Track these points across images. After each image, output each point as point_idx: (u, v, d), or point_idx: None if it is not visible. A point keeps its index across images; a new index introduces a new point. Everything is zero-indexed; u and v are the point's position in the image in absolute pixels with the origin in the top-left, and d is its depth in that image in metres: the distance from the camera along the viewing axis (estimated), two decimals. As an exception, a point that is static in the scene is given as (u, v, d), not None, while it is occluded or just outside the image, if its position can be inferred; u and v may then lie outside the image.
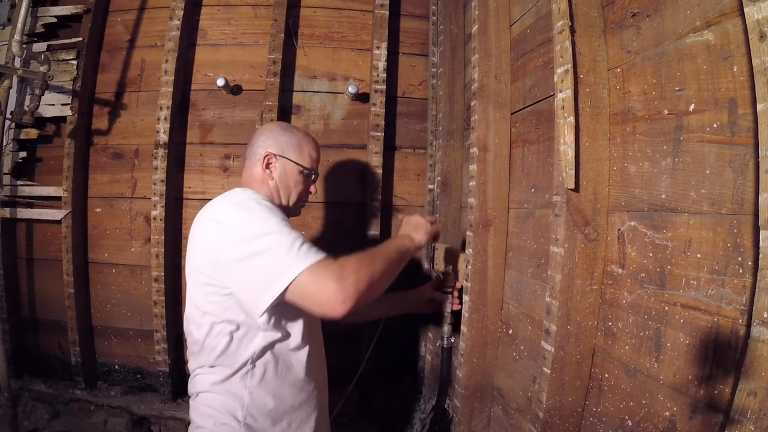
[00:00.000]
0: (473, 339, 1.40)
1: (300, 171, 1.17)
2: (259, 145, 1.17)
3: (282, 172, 1.16)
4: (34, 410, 1.81)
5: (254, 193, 1.06)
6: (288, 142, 1.17)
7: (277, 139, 1.17)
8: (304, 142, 1.19)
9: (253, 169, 1.17)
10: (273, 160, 1.15)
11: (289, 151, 1.17)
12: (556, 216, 1.02)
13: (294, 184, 1.17)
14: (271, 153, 1.15)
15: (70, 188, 1.88)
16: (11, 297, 1.96)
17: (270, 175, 1.15)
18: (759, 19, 0.60)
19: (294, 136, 1.19)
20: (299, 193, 1.20)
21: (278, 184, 1.16)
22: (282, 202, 1.17)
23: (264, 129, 1.21)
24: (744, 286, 0.66)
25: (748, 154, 0.66)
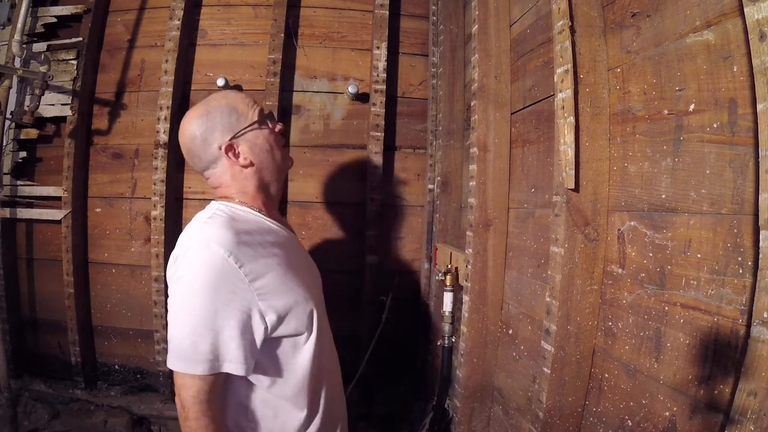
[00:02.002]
0: (473, 339, 1.40)
1: (259, 126, 0.95)
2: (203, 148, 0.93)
3: (251, 146, 0.94)
4: (34, 410, 1.81)
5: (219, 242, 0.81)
6: (223, 119, 0.93)
7: (213, 127, 0.92)
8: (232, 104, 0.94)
9: (224, 175, 0.95)
10: (235, 146, 0.93)
11: (235, 124, 0.93)
12: (556, 216, 1.02)
13: (267, 143, 0.96)
14: (227, 142, 0.92)
15: (70, 188, 1.88)
16: (11, 297, 1.96)
17: (246, 162, 0.94)
18: (759, 19, 0.60)
19: (219, 109, 0.93)
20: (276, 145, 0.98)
21: (259, 161, 0.95)
22: (274, 172, 0.98)
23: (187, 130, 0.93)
24: (744, 286, 0.66)
25: (748, 154, 0.66)
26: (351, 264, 1.99)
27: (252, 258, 0.82)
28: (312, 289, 0.96)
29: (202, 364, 0.78)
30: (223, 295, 0.78)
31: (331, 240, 1.99)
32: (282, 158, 1.00)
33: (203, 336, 0.77)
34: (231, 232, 0.82)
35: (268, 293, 0.83)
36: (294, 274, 0.91)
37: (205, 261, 0.79)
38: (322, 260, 1.98)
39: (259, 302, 0.81)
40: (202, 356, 0.77)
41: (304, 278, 0.94)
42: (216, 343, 0.78)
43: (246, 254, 0.82)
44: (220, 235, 0.81)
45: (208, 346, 0.78)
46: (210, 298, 0.78)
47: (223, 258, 0.79)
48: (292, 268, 0.91)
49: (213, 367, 0.78)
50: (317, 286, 1.07)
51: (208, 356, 0.78)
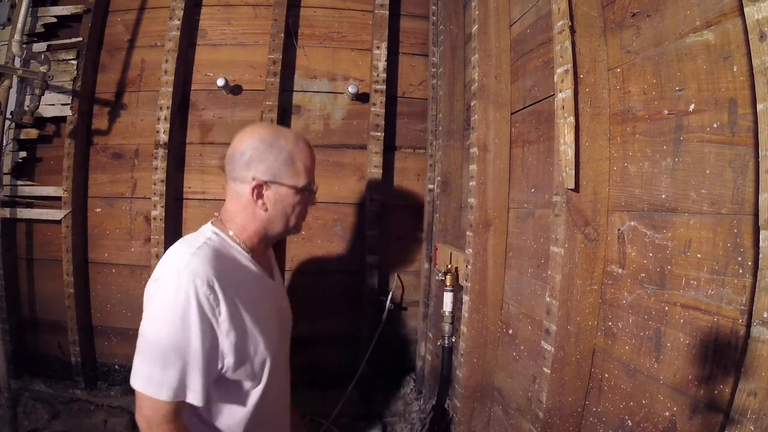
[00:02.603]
0: (473, 339, 1.40)
1: (296, 192, 0.96)
2: (243, 166, 0.93)
3: (277, 199, 0.95)
4: (34, 410, 1.81)
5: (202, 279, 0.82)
6: (278, 161, 0.93)
7: (264, 159, 0.93)
8: (296, 154, 0.96)
9: (240, 199, 0.95)
10: (264, 190, 0.94)
11: (282, 174, 0.94)
12: (556, 216, 1.02)
13: (293, 208, 0.97)
14: (261, 180, 0.92)
15: (70, 188, 1.88)
16: (11, 297, 1.96)
17: (263, 207, 0.94)
18: (759, 19, 0.60)
19: (283, 150, 0.94)
20: (298, 215, 1.00)
21: (273, 215, 0.96)
22: (278, 231, 1.00)
23: (246, 142, 0.94)
24: (744, 286, 0.66)
25: (748, 154, 0.66)
26: (351, 264, 1.99)
27: (227, 299, 0.85)
28: (273, 338, 0.97)
29: (168, 391, 0.81)
30: (197, 328, 0.81)
31: (331, 240, 1.99)
32: (294, 226, 1.01)
33: (173, 365, 0.81)
34: (214, 271, 0.84)
35: (232, 336, 0.85)
36: (259, 322, 0.93)
37: (186, 293, 0.81)
38: (322, 260, 2.00)
39: (225, 339, 0.85)
40: (169, 383, 0.81)
41: (269, 326, 0.96)
42: (184, 373, 0.81)
43: (222, 295, 0.84)
44: (205, 272, 0.83)
45: (176, 375, 0.81)
46: (184, 329, 0.81)
47: (203, 294, 0.82)
48: (259, 315, 0.93)
49: (177, 395, 0.81)
50: (283, 332, 1.08)
51: (174, 384, 0.81)
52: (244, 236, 0.97)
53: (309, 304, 1.99)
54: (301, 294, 1.99)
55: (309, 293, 1.99)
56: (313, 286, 1.99)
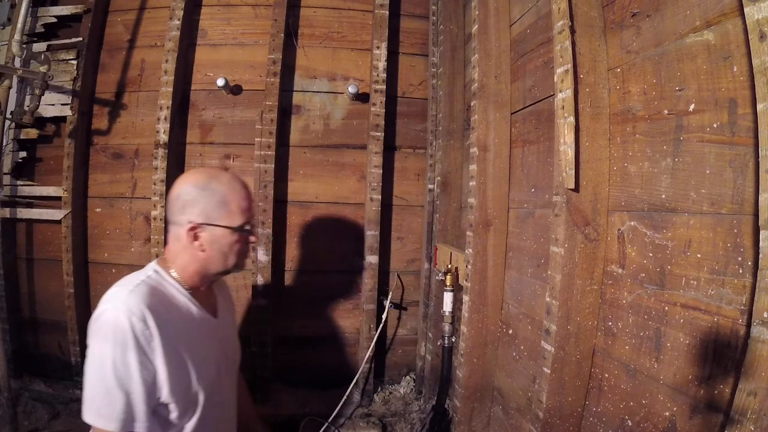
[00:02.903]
0: (473, 339, 1.40)
1: (232, 232, 1.01)
2: (179, 210, 0.99)
3: (213, 240, 0.99)
4: (34, 410, 1.81)
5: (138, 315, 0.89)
6: (210, 203, 0.98)
7: (197, 203, 0.98)
8: (229, 196, 1.00)
9: (179, 241, 1.01)
10: (199, 232, 0.98)
11: (216, 215, 0.99)
12: (556, 216, 1.02)
13: (230, 247, 1.02)
14: (196, 223, 0.98)
15: (70, 188, 1.88)
16: (11, 297, 1.96)
17: (200, 248, 1.00)
18: (759, 19, 0.60)
19: (216, 193, 0.99)
20: (237, 254, 1.04)
21: (211, 255, 1.01)
22: (218, 269, 1.04)
23: (181, 188, 1.00)
24: (744, 286, 0.66)
25: (748, 154, 0.66)
26: (351, 264, 1.99)
27: (161, 335, 0.91)
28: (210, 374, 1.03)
29: (117, 422, 0.86)
30: (135, 363, 0.87)
31: (331, 240, 1.99)
32: (234, 264, 1.06)
33: (118, 398, 0.87)
34: (149, 308, 0.91)
35: (165, 371, 0.91)
36: (194, 358, 0.98)
37: (123, 331, 0.87)
38: (322, 260, 2.00)
39: (161, 371, 0.90)
40: (117, 415, 0.86)
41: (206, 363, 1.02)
42: (129, 405, 0.87)
43: (157, 331, 0.90)
44: (140, 309, 0.89)
45: (122, 406, 0.87)
46: (125, 365, 0.87)
47: (139, 330, 0.88)
48: (195, 352, 0.98)
49: (126, 426, 0.87)
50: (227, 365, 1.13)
51: (122, 415, 0.87)
52: (185, 275, 1.03)
53: (309, 304, 1.99)
54: (301, 294, 1.99)
55: (309, 293, 1.99)
56: (313, 286, 1.99)
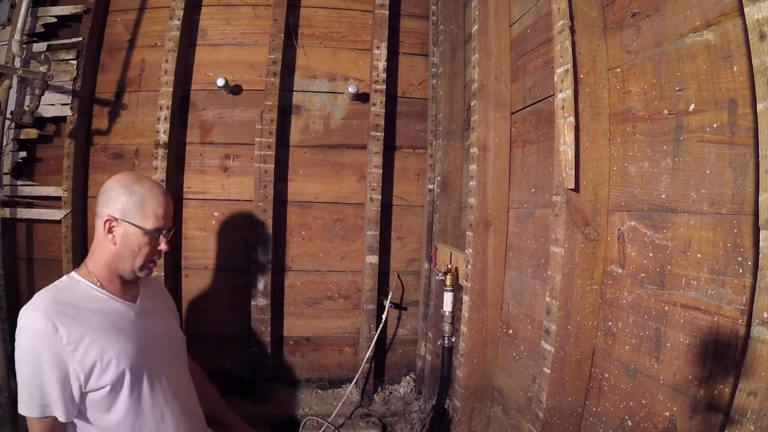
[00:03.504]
0: (473, 339, 1.40)
1: (144, 233, 1.08)
2: (103, 204, 1.09)
3: (124, 236, 1.08)
4: (34, 410, 1.81)
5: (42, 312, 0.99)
6: (129, 202, 1.08)
7: (118, 199, 1.08)
8: (147, 200, 1.09)
9: (99, 232, 1.10)
10: (114, 225, 1.07)
11: (131, 214, 1.07)
12: (556, 216, 1.02)
13: (138, 248, 1.09)
14: (112, 217, 1.07)
15: (70, 188, 1.88)
16: (11, 297, 1.96)
17: (112, 241, 1.08)
18: (759, 19, 0.60)
19: (135, 194, 1.08)
20: (145, 256, 1.11)
21: (121, 250, 1.08)
22: (126, 268, 1.10)
23: (107, 185, 1.10)
24: (744, 286, 0.66)
25: (748, 154, 0.66)
26: (351, 264, 1.99)
27: (68, 325, 0.99)
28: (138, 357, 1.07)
29: (36, 409, 0.97)
30: (45, 355, 0.96)
31: (331, 240, 1.99)
32: (140, 267, 1.12)
33: (33, 388, 0.96)
34: (53, 303, 1.01)
35: (80, 354, 0.98)
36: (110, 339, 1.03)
37: (31, 327, 0.98)
38: (322, 260, 2.00)
39: (73, 361, 0.98)
40: (36, 403, 0.97)
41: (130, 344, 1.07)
42: (43, 393, 0.96)
43: (63, 322, 0.98)
44: (44, 306, 1.00)
45: (38, 395, 0.96)
46: (35, 357, 0.96)
47: (43, 325, 0.97)
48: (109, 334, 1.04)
49: (44, 412, 0.97)
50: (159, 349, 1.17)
51: (39, 403, 0.96)
52: (97, 269, 1.10)
53: (309, 304, 1.99)
54: (301, 294, 1.99)
55: (309, 293, 1.99)
56: (313, 286, 1.99)
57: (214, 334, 1.94)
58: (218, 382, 1.44)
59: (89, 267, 1.11)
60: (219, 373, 1.69)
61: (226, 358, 1.94)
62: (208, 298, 1.95)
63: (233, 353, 1.94)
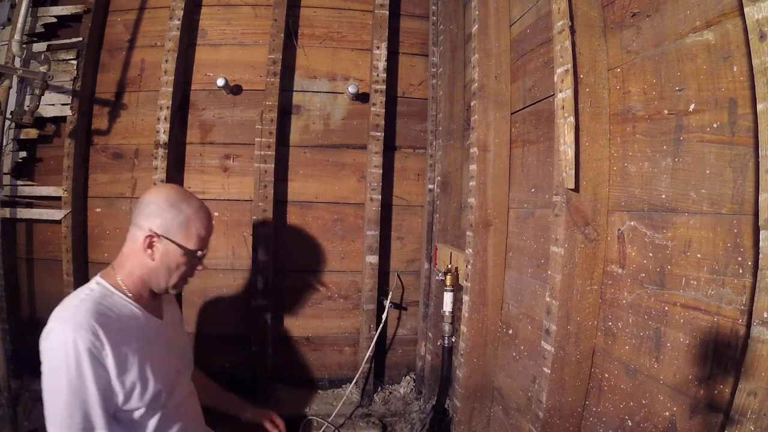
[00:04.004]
0: (473, 339, 1.40)
1: (184, 253, 1.07)
2: (144, 217, 1.06)
3: (164, 253, 1.06)
4: (34, 410, 1.81)
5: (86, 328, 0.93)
6: (174, 221, 1.05)
7: (163, 216, 1.05)
8: (192, 221, 1.08)
9: (135, 243, 1.06)
10: (155, 241, 1.05)
11: (174, 232, 1.05)
12: (556, 216, 1.02)
13: (177, 266, 1.08)
14: (154, 233, 1.04)
15: (70, 188, 1.88)
16: (11, 297, 1.96)
17: (151, 256, 1.05)
18: (759, 19, 0.60)
19: (181, 213, 1.06)
20: (181, 275, 1.10)
21: (158, 267, 1.06)
22: (161, 284, 1.09)
23: (152, 198, 1.08)
24: (744, 286, 0.66)
25: (748, 154, 0.66)
26: (351, 264, 1.99)
27: (113, 343, 0.95)
28: (165, 371, 1.08)
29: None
30: (90, 375, 0.91)
31: (331, 240, 1.99)
32: (174, 285, 1.11)
33: (78, 410, 0.91)
34: (96, 320, 0.95)
35: (121, 376, 0.96)
36: (148, 360, 1.02)
37: (74, 345, 0.91)
38: (322, 260, 2.00)
39: (116, 380, 0.95)
40: (77, 426, 0.91)
41: (160, 362, 1.07)
42: (86, 415, 0.91)
43: (108, 339, 0.94)
44: (88, 323, 0.94)
45: (80, 417, 0.91)
46: (80, 378, 0.91)
47: (88, 341, 0.92)
48: (146, 354, 1.02)
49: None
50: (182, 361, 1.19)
51: (82, 425, 0.91)
52: (129, 281, 1.07)
53: (309, 304, 1.99)
54: (301, 294, 1.99)
55: (309, 293, 1.99)
56: (313, 286, 1.99)
57: (214, 334, 1.94)
58: (218, 382, 1.44)
59: (120, 277, 1.07)
60: (219, 373, 1.69)
61: (226, 358, 1.94)
62: (208, 298, 1.95)
63: (233, 353, 1.94)
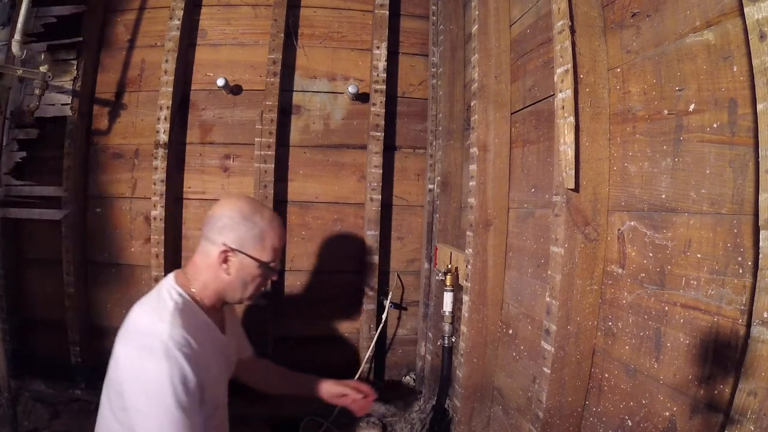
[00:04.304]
0: (473, 339, 1.40)
1: (259, 266, 1.06)
2: (217, 230, 1.05)
3: (240, 267, 1.05)
4: (34, 410, 1.81)
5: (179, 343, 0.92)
6: (248, 234, 1.04)
7: (236, 230, 1.04)
8: (267, 233, 1.06)
9: (208, 258, 1.06)
10: (230, 256, 1.04)
11: (249, 246, 1.04)
12: (556, 216, 1.02)
13: (252, 279, 1.08)
14: (229, 247, 1.03)
15: (70, 188, 1.88)
16: (11, 297, 1.96)
17: (226, 271, 1.05)
18: (759, 19, 0.60)
19: (256, 226, 1.05)
20: (256, 287, 1.10)
21: (234, 281, 1.06)
22: (235, 297, 1.09)
23: (224, 211, 1.06)
24: (744, 286, 0.66)
25: (748, 154, 0.66)
26: (351, 264, 1.99)
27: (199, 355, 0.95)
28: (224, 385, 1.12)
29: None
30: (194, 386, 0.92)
31: (331, 240, 1.99)
32: (249, 296, 1.11)
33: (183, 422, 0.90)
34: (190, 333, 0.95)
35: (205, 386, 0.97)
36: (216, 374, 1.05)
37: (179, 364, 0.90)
38: (322, 260, 2.00)
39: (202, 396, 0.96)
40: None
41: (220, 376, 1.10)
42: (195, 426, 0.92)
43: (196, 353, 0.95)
44: (185, 339, 0.93)
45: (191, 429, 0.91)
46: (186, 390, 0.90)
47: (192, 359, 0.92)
48: (213, 369, 1.04)
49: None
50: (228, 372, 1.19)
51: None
52: (204, 294, 1.07)
53: (309, 304, 1.99)
54: (301, 294, 1.99)
55: (309, 293, 1.99)
56: (313, 286, 1.99)
57: (214, 334, 1.94)
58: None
59: (195, 288, 1.06)
60: (219, 373, 1.69)
61: (226, 358, 1.94)
62: (208, 298, 1.95)
63: (233, 353, 1.94)
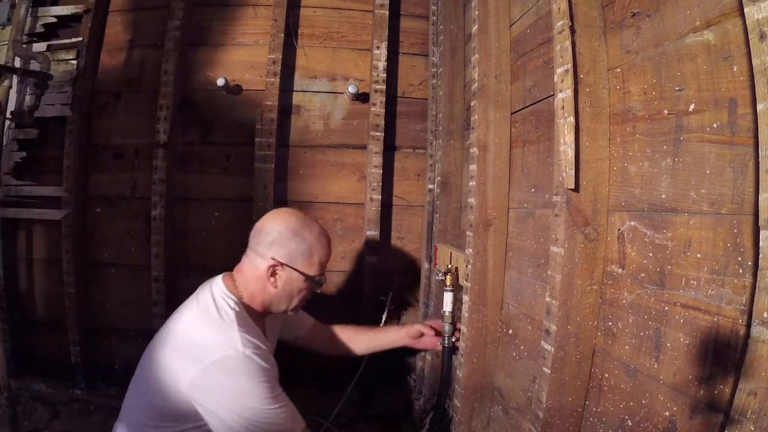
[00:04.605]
0: (473, 339, 1.40)
1: (306, 279, 1.10)
2: (267, 245, 1.08)
3: (287, 281, 1.08)
4: (34, 410, 1.81)
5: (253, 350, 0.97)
6: (297, 250, 1.08)
7: (286, 245, 1.07)
8: (315, 248, 1.10)
9: (256, 270, 1.09)
10: (279, 270, 1.07)
11: (297, 261, 1.08)
12: (556, 216, 1.02)
13: (298, 292, 1.11)
14: (278, 262, 1.06)
15: (70, 188, 1.88)
16: (11, 297, 1.96)
17: (273, 284, 1.08)
18: (759, 18, 0.60)
19: (305, 242, 1.09)
20: (301, 299, 1.14)
21: (281, 294, 1.10)
22: (281, 308, 1.13)
23: (274, 225, 1.09)
24: (744, 286, 0.66)
25: (748, 154, 0.66)
26: (351, 264, 1.99)
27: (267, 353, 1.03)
28: None
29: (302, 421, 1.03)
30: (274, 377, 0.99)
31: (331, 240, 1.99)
32: (293, 308, 1.15)
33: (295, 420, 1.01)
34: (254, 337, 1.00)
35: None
36: None
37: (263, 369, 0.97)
38: (322, 260, 2.00)
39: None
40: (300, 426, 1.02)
41: None
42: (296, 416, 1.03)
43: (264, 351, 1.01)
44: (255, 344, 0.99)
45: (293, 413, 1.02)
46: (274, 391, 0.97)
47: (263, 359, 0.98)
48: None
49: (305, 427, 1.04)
50: None
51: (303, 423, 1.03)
52: (252, 303, 1.10)
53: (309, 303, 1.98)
54: (301, 294, 1.99)
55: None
56: (313, 286, 1.99)
57: (214, 334, 1.94)
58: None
59: (245, 297, 1.09)
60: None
61: (226, 358, 1.94)
62: (208, 298, 1.95)
63: (233, 353, 1.93)
